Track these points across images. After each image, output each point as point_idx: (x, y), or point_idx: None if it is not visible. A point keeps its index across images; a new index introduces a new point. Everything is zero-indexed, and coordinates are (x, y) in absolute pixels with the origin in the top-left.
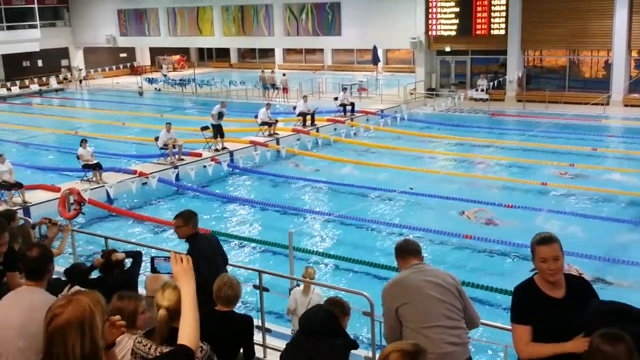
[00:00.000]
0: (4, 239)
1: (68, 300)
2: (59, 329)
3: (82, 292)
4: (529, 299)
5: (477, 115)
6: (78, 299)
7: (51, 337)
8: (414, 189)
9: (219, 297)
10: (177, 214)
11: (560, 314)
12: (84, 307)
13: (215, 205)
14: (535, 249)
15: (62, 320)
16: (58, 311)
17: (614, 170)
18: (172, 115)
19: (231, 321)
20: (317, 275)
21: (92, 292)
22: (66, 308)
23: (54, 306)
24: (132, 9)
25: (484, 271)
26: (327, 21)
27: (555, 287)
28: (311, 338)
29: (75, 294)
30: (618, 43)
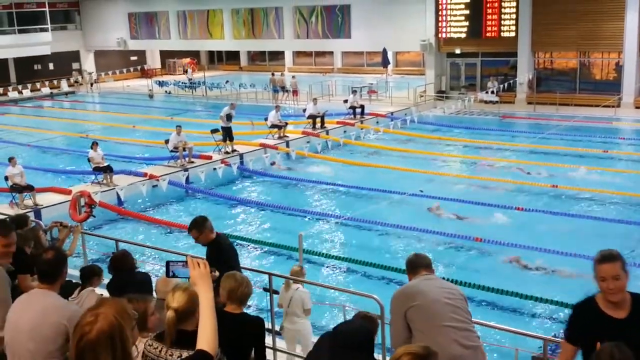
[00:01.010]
0: (11, 238)
1: (95, 316)
2: (90, 346)
3: (107, 301)
4: (585, 319)
5: (488, 118)
6: (105, 313)
7: (82, 354)
8: (424, 192)
9: (233, 298)
10: (189, 226)
11: (620, 335)
12: (112, 321)
13: (225, 208)
14: (596, 267)
15: (92, 337)
16: (87, 329)
17: (625, 172)
18: (182, 118)
19: (244, 324)
20: (328, 278)
21: (117, 301)
22: (95, 325)
23: (82, 323)
24: (142, 12)
25: (491, 273)
26: (337, 24)
27: (618, 306)
28: (349, 353)
29: (100, 305)
30: (629, 45)
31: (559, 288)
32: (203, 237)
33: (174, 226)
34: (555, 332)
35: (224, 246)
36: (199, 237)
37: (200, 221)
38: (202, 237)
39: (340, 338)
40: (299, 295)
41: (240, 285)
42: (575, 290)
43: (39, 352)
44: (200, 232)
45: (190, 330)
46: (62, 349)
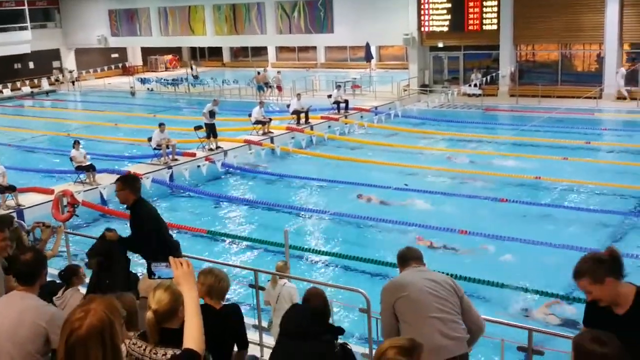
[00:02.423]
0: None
1: (85, 312)
2: (80, 342)
3: (97, 298)
4: (591, 311)
5: (471, 111)
6: (95, 309)
7: (72, 350)
8: (409, 185)
9: (213, 293)
10: (118, 177)
11: (618, 331)
12: (102, 317)
13: (209, 205)
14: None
15: (83, 333)
16: (77, 324)
17: (606, 162)
18: (165, 116)
19: (226, 317)
20: (315, 273)
21: (107, 299)
22: (84, 320)
23: (71, 319)
24: (123, 9)
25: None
26: (320, 18)
27: (618, 302)
28: (298, 341)
29: (90, 302)
30: (610, 36)
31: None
32: (123, 194)
33: None
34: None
35: (141, 212)
36: (120, 192)
37: (130, 178)
38: (122, 193)
39: (286, 328)
40: (286, 291)
41: (220, 281)
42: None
43: (17, 354)
44: (124, 187)
45: (174, 328)
46: (41, 350)
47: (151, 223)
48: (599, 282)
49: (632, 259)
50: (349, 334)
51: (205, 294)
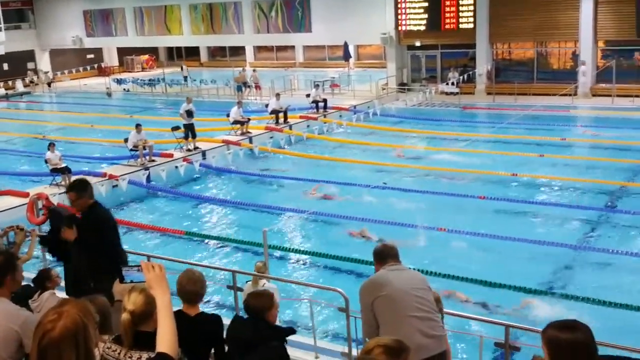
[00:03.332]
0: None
1: (58, 314)
2: (52, 345)
3: (70, 301)
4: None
5: (449, 109)
6: (68, 311)
7: (44, 353)
8: (388, 184)
9: (184, 295)
10: (68, 187)
11: None
12: (76, 319)
13: (187, 206)
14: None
15: (56, 335)
16: (49, 326)
17: (582, 158)
18: (141, 116)
19: (202, 324)
20: (294, 273)
21: (81, 302)
22: (57, 322)
23: (44, 321)
24: (98, 10)
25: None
26: (297, 18)
27: None
28: (245, 352)
29: (63, 304)
30: (585, 34)
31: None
32: (81, 202)
33: (135, 226)
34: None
35: (100, 216)
36: (77, 201)
37: (82, 184)
38: (80, 201)
39: (228, 340)
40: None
41: (191, 283)
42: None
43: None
44: (80, 195)
45: (149, 331)
46: (15, 356)
47: (110, 229)
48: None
49: (607, 253)
50: (328, 333)
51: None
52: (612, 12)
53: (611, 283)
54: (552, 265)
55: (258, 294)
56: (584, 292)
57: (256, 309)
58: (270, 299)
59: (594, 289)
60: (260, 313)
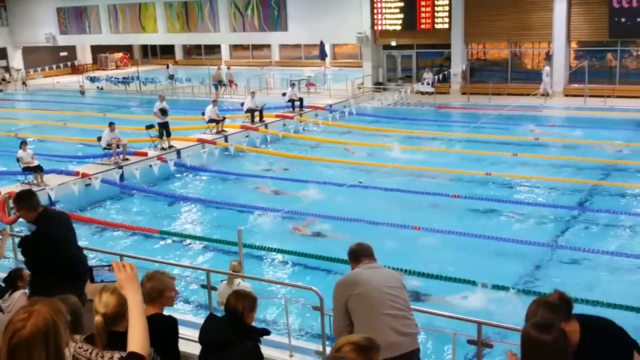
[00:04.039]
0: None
1: (29, 313)
2: (23, 343)
3: (41, 300)
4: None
5: (424, 109)
6: (39, 310)
7: (14, 352)
8: (364, 183)
9: (147, 298)
10: (14, 200)
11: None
12: (47, 318)
13: (162, 205)
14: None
15: (26, 334)
16: (20, 325)
17: (554, 158)
18: (115, 115)
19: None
20: (270, 272)
21: (52, 300)
22: (28, 321)
23: (14, 320)
24: (71, 7)
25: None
26: (273, 16)
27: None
28: (219, 352)
29: (34, 303)
30: (558, 35)
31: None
32: (22, 214)
33: (108, 225)
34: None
35: (42, 230)
36: (18, 212)
37: (20, 196)
38: (20, 213)
39: (201, 340)
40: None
41: (148, 281)
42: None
43: None
44: (19, 208)
45: (121, 331)
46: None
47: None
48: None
49: (579, 251)
50: (303, 331)
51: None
52: (585, 13)
53: (582, 280)
54: (524, 263)
55: (242, 295)
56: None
57: (237, 310)
58: (254, 301)
59: (566, 286)
60: (241, 314)
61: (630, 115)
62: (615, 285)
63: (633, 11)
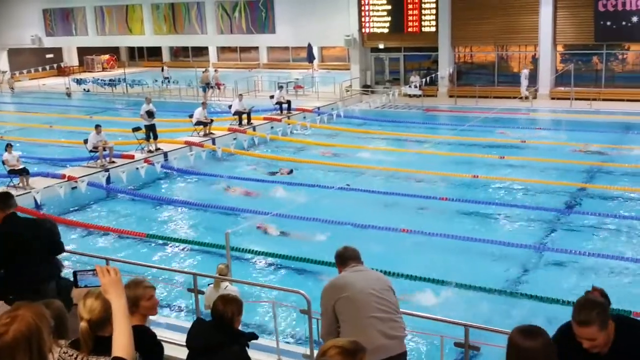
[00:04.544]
0: None
1: (12, 318)
2: (5, 348)
3: (24, 305)
4: (563, 347)
5: (412, 111)
6: (22, 315)
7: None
8: (351, 185)
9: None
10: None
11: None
12: (30, 323)
13: (148, 208)
14: (573, 324)
15: (9, 339)
16: (2, 330)
17: (541, 160)
18: (102, 117)
19: (138, 337)
20: (258, 275)
21: (35, 305)
22: (11, 326)
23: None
24: (58, 8)
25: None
26: (261, 19)
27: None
28: (205, 356)
29: (17, 308)
30: (544, 38)
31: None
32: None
33: (95, 229)
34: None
35: (9, 228)
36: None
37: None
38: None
39: (188, 343)
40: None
41: (130, 288)
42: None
43: None
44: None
45: (107, 336)
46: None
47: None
48: (605, 328)
49: (567, 253)
50: (291, 335)
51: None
52: (571, 16)
53: (569, 282)
54: (512, 265)
55: (229, 300)
56: (543, 291)
57: (225, 315)
58: (240, 305)
59: (553, 288)
60: (229, 319)
61: (615, 118)
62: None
63: (618, 15)
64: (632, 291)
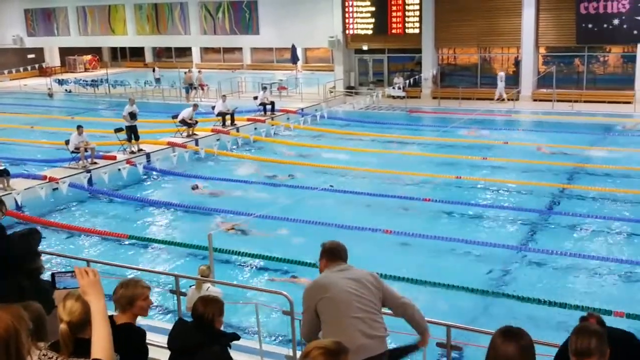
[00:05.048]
0: None
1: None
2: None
3: (2, 308)
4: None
5: (396, 113)
6: (0, 317)
7: None
8: (335, 187)
9: (114, 299)
10: None
11: None
12: (8, 325)
13: (130, 209)
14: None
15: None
16: None
17: (523, 162)
18: (84, 118)
19: (123, 332)
20: (241, 276)
21: (13, 307)
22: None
23: None
24: (39, 8)
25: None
26: (245, 20)
27: None
28: (186, 357)
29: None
30: (526, 40)
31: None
32: None
33: (76, 230)
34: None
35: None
36: None
37: None
38: None
39: (169, 344)
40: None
41: (121, 288)
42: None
43: None
44: None
45: (87, 338)
46: None
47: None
48: (604, 357)
49: (547, 254)
50: (274, 336)
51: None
52: (553, 19)
53: (550, 282)
54: (494, 266)
55: (209, 301)
56: (525, 291)
57: (206, 316)
58: (221, 306)
59: (534, 288)
60: (210, 320)
61: (597, 120)
62: (580, 286)
63: (600, 17)
64: (612, 291)
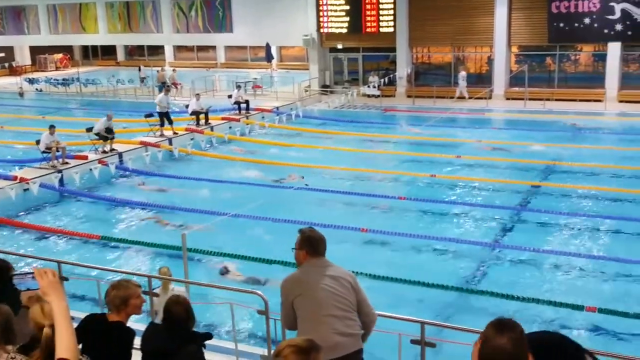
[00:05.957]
0: None
1: None
2: None
3: None
4: None
5: (370, 111)
6: None
7: None
8: (309, 185)
9: (109, 302)
10: None
11: None
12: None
13: (103, 209)
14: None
15: None
16: None
17: (496, 160)
18: (55, 117)
19: (115, 330)
20: (216, 277)
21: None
22: None
23: None
24: (9, 6)
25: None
26: (218, 18)
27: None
28: (161, 358)
29: None
30: (499, 39)
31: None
32: None
33: (47, 231)
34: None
35: None
36: None
37: None
38: None
39: (142, 348)
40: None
41: (112, 289)
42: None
43: None
44: None
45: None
46: None
47: None
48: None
49: (520, 250)
50: (248, 336)
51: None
52: (525, 18)
53: (524, 279)
54: (469, 263)
55: (179, 301)
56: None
57: (180, 317)
58: (190, 305)
59: (508, 284)
60: (184, 320)
61: (568, 118)
62: (555, 284)
63: (571, 17)
64: (585, 286)
